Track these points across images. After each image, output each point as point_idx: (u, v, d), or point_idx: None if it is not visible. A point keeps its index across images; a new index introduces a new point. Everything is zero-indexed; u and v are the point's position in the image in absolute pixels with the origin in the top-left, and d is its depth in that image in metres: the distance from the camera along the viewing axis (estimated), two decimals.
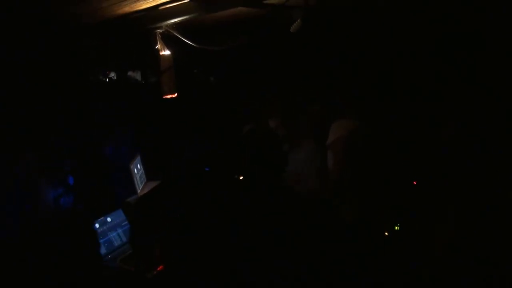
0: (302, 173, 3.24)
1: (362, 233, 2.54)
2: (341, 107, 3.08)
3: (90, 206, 3.21)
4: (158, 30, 3.25)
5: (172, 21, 3.04)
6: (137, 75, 4.00)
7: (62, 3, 2.53)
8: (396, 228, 2.81)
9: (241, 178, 2.13)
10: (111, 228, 3.19)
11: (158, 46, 3.31)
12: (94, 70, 3.51)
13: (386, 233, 2.86)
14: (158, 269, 2.50)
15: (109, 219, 3.22)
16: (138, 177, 3.65)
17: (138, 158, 3.79)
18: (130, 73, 3.97)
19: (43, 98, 2.93)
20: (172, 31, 3.22)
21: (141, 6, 2.84)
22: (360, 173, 2.79)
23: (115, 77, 3.73)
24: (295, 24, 2.70)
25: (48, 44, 2.99)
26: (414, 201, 2.88)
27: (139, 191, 3.56)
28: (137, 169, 3.69)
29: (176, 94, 3.48)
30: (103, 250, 2.99)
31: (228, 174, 2.36)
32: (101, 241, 3.03)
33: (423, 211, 2.71)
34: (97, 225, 3.11)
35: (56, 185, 3.00)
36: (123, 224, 3.28)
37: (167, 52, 3.35)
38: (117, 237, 3.18)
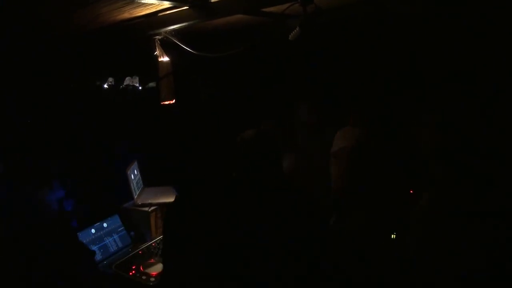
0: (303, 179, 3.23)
1: (362, 240, 2.53)
2: (343, 112, 3.07)
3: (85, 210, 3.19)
4: (157, 37, 3.26)
5: (172, 27, 3.06)
6: (136, 81, 4.01)
7: (62, 8, 2.54)
8: (392, 236, 2.80)
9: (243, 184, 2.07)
10: (107, 233, 3.17)
11: (157, 53, 3.32)
12: (92, 76, 3.52)
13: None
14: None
15: (105, 225, 3.21)
16: (134, 183, 3.64)
17: (135, 164, 3.78)
18: (128, 79, 3.97)
19: (41, 101, 2.92)
20: (171, 37, 3.23)
21: (140, 12, 2.86)
22: (365, 182, 2.76)
23: (113, 83, 3.73)
24: (293, 32, 2.71)
25: (47, 48, 3.00)
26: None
27: (135, 197, 3.55)
28: (134, 175, 3.68)
29: (174, 101, 3.48)
30: (98, 256, 2.98)
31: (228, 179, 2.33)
32: (96, 247, 3.02)
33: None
34: (93, 231, 3.10)
35: (57, 187, 2.96)
36: (119, 230, 3.27)
37: (165, 59, 3.36)
38: (113, 242, 3.16)
